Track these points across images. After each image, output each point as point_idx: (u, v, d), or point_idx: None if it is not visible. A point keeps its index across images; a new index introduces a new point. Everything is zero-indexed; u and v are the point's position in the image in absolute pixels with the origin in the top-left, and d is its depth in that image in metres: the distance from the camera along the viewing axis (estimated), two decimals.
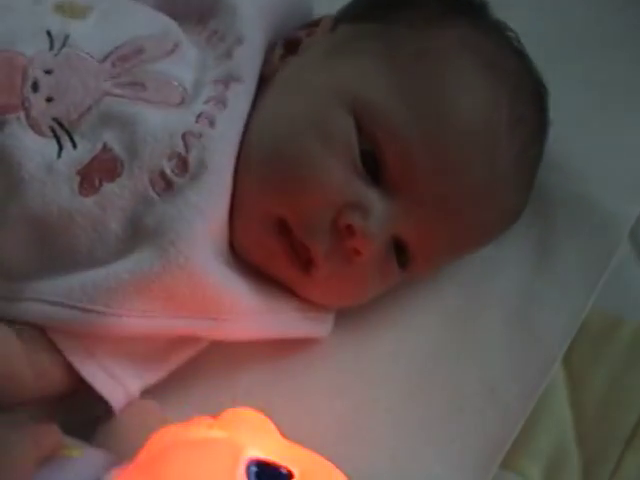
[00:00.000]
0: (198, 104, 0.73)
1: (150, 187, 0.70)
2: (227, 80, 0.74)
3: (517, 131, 0.74)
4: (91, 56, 0.73)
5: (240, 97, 0.74)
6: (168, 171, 0.70)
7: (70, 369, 0.68)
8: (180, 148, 0.70)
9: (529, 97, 0.76)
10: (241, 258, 0.73)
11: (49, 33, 0.73)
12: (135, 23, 0.76)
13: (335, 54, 0.75)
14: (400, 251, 0.74)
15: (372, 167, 0.71)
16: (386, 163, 0.71)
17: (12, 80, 0.71)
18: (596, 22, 0.98)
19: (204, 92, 0.74)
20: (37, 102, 0.70)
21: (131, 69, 0.73)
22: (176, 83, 0.74)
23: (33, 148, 0.69)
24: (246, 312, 0.71)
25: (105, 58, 0.73)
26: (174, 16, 0.80)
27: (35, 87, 0.71)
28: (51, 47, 0.72)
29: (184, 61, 0.75)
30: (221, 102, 0.73)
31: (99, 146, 0.70)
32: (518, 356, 0.78)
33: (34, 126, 0.70)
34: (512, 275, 0.82)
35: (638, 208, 0.85)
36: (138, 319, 0.68)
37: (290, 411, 0.73)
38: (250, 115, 0.74)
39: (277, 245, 0.71)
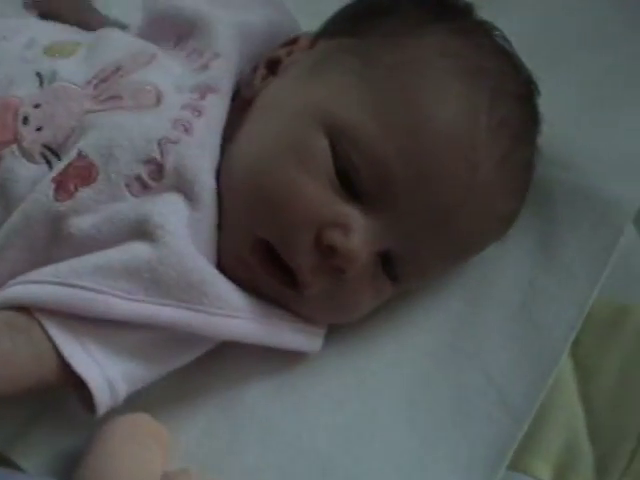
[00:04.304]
0: (175, 109, 0.74)
1: (126, 190, 0.71)
2: (203, 90, 0.76)
3: (499, 135, 0.72)
4: (75, 84, 0.76)
5: (216, 107, 0.75)
6: (144, 175, 0.71)
7: (59, 356, 0.67)
8: (156, 153, 0.72)
9: (512, 98, 0.75)
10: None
11: (39, 74, 0.77)
12: (115, 47, 0.79)
13: (312, 74, 0.75)
14: (389, 265, 0.73)
15: (350, 185, 0.71)
16: (363, 180, 0.70)
17: (4, 120, 0.75)
18: (596, 20, 0.97)
19: (181, 98, 0.75)
20: (28, 133, 0.74)
21: (110, 86, 0.76)
22: (150, 87, 0.75)
23: (27, 176, 0.73)
24: (233, 310, 0.71)
25: (88, 83, 0.76)
26: (154, 41, 0.82)
27: (25, 121, 0.74)
28: (40, 85, 0.76)
29: (160, 69, 0.77)
30: (197, 110, 0.74)
31: (74, 153, 0.72)
32: (523, 353, 0.77)
33: (26, 155, 0.73)
34: (514, 272, 0.81)
35: None
36: (122, 300, 0.68)
37: (292, 425, 0.73)
38: (227, 131, 0.75)
39: (260, 265, 0.72)
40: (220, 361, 0.75)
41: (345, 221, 0.70)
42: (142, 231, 0.69)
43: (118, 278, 0.68)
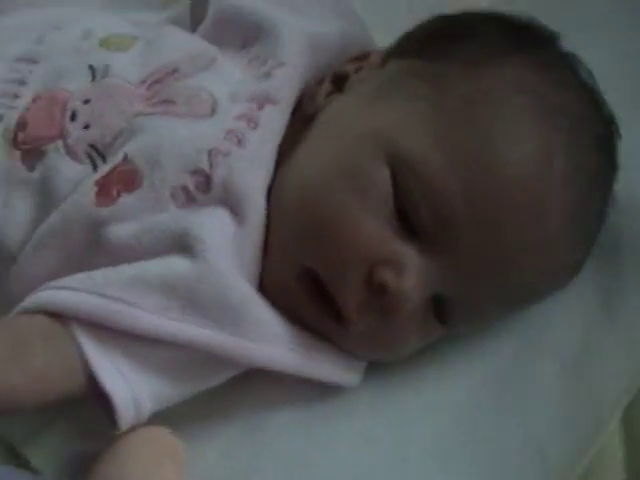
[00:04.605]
0: (229, 119, 0.71)
1: (171, 200, 0.68)
2: (262, 100, 0.72)
3: (574, 181, 0.68)
4: (129, 82, 0.73)
5: (273, 120, 0.71)
6: (191, 186, 0.68)
7: (83, 364, 0.65)
8: (205, 165, 0.68)
9: (591, 142, 0.70)
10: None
11: (91, 67, 0.74)
12: (173, 48, 0.76)
13: (379, 96, 0.71)
14: (441, 308, 0.69)
15: (409, 221, 0.66)
16: (423, 219, 0.66)
17: (52, 114, 0.72)
18: None
19: (237, 107, 0.71)
20: (74, 130, 0.71)
21: (164, 88, 0.73)
22: (205, 95, 0.72)
23: (70, 176, 0.70)
24: (272, 337, 0.67)
25: (142, 82, 0.73)
26: (219, 43, 0.79)
27: (73, 117, 0.72)
28: (93, 79, 0.74)
29: (218, 75, 0.74)
30: (253, 121, 0.71)
31: (119, 157, 0.69)
32: (570, 413, 0.72)
33: (71, 153, 0.70)
34: (571, 325, 0.76)
35: None
36: (154, 316, 0.65)
37: (315, 458, 0.70)
38: (284, 146, 0.71)
39: (305, 295, 0.68)
40: (250, 383, 0.71)
41: (400, 260, 0.66)
42: (182, 245, 0.66)
43: (153, 293, 0.65)
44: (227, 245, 0.67)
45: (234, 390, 0.71)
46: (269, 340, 0.67)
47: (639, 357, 0.73)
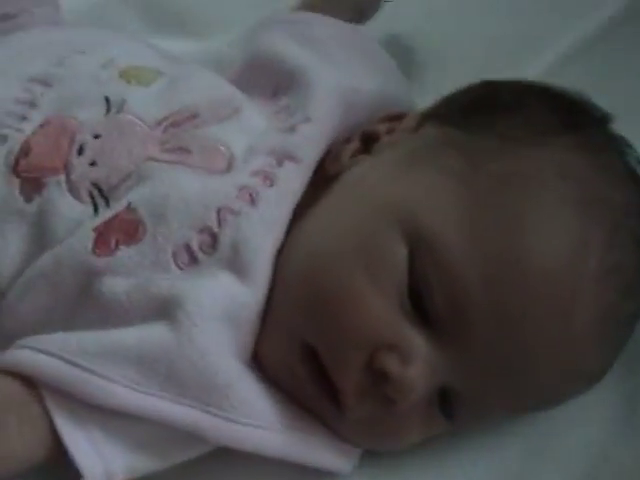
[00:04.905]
0: (244, 175, 0.66)
1: (172, 260, 0.63)
2: (282, 156, 0.67)
3: (608, 283, 0.62)
4: (144, 121, 0.68)
5: (292, 179, 0.66)
6: (195, 245, 0.63)
7: (55, 433, 0.60)
8: (212, 222, 0.63)
9: (633, 241, 0.64)
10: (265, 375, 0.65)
11: (107, 99, 0.70)
12: (198, 90, 0.71)
13: (409, 163, 0.65)
14: (447, 402, 0.63)
15: (422, 306, 0.61)
16: (436, 305, 0.60)
17: (58, 144, 0.68)
18: None
19: (254, 163, 0.67)
20: (79, 165, 0.67)
21: (180, 134, 0.68)
22: (223, 148, 0.67)
23: (68, 215, 0.65)
24: (260, 420, 0.62)
25: (158, 124, 0.68)
26: (249, 89, 0.74)
27: (80, 151, 0.67)
28: (107, 112, 0.69)
29: (240, 127, 0.69)
30: (269, 179, 0.66)
31: (123, 203, 0.64)
32: None
33: (73, 190, 0.66)
34: (587, 433, 0.70)
35: None
36: (130, 391, 0.59)
37: None
38: (300, 207, 0.66)
39: (303, 371, 0.62)
40: (233, 456, 0.64)
41: (406, 346, 0.60)
42: (168, 313, 0.61)
43: (129, 364, 0.60)
44: (221, 315, 0.61)
45: (215, 462, 0.65)
46: (256, 423, 0.62)
47: None
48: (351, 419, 0.63)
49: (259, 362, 0.64)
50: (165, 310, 0.61)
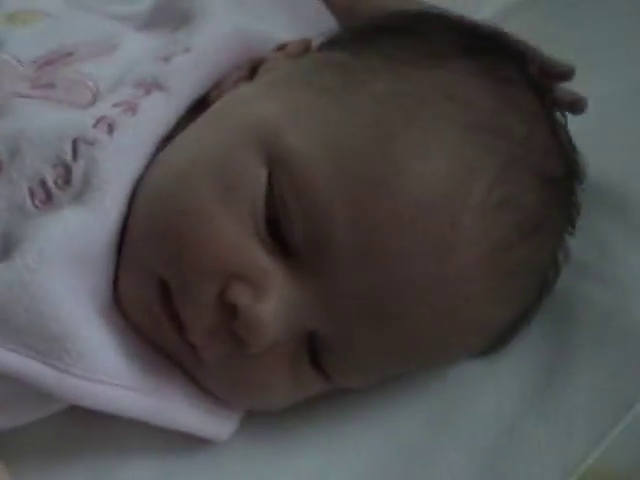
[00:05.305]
0: (106, 106, 0.61)
1: (29, 198, 0.58)
2: (150, 86, 0.62)
3: (496, 217, 0.55)
4: (20, 61, 0.65)
5: (157, 107, 0.61)
6: (50, 181, 0.58)
7: None
8: (67, 155, 0.58)
9: (532, 177, 0.57)
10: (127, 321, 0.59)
11: None
12: (79, 30, 0.69)
13: (281, 85, 0.60)
14: (314, 349, 0.56)
15: (281, 235, 0.54)
16: (295, 233, 0.54)
17: None
18: None
19: (119, 94, 0.62)
20: None
21: (51, 71, 0.65)
22: (91, 84, 0.64)
23: None
24: (107, 374, 0.55)
25: (33, 62, 0.65)
26: (157, 25, 0.71)
27: None
28: None
29: (113, 62, 0.66)
30: (132, 109, 0.60)
31: None
32: None
33: None
34: (496, 404, 0.63)
35: None
36: None
37: None
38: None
39: (160, 310, 0.56)
40: (97, 418, 0.58)
41: (259, 277, 0.54)
42: (10, 256, 0.55)
43: None
44: (66, 256, 0.55)
45: (79, 426, 0.60)
46: (101, 378, 0.55)
47: (571, 456, 0.59)
48: (209, 366, 0.57)
49: (120, 307, 0.58)
50: (7, 251, 0.56)
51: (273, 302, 0.54)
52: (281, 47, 0.67)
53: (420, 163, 0.53)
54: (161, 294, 0.56)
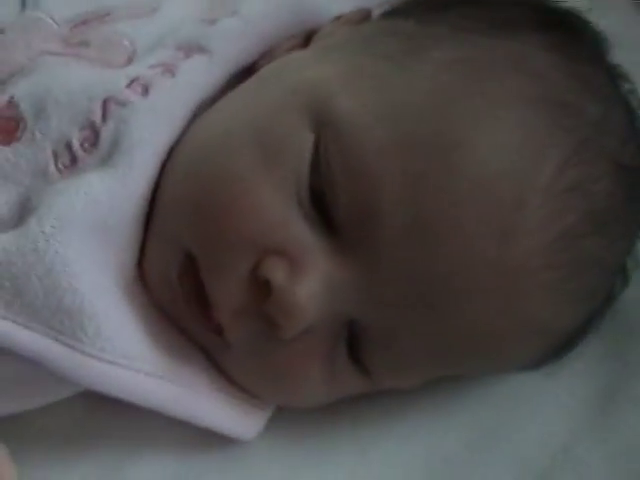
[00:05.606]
0: (142, 67, 0.57)
1: (52, 161, 0.54)
2: (192, 49, 0.58)
3: (566, 202, 0.49)
4: (53, 19, 0.62)
5: (197, 70, 0.57)
6: (76, 143, 0.54)
7: None
8: (96, 116, 0.54)
9: (608, 163, 0.51)
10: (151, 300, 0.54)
11: None
12: None
13: (337, 49, 0.55)
14: (355, 340, 0.51)
15: (325, 208, 0.49)
16: (341, 206, 0.49)
17: None
18: None
19: (158, 55, 0.58)
20: None
21: (87, 30, 0.62)
22: (127, 43, 0.60)
23: None
24: (132, 358, 0.51)
25: (68, 22, 0.62)
26: None
27: None
28: (22, 9, 0.64)
29: (153, 24, 0.62)
30: (170, 71, 0.56)
31: (5, 99, 0.56)
32: None
33: None
34: (548, 422, 0.58)
35: None
36: None
37: None
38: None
39: (181, 288, 0.52)
40: (112, 408, 0.53)
41: (299, 254, 0.49)
42: (26, 224, 0.51)
43: None
44: (87, 225, 0.51)
45: (92, 418, 0.56)
46: (121, 360, 0.50)
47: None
48: (235, 349, 0.51)
49: (144, 283, 0.54)
50: (22, 217, 0.52)
51: (312, 282, 0.49)
52: (338, 18, 0.62)
53: (484, 134, 0.49)
54: (188, 269, 0.51)
